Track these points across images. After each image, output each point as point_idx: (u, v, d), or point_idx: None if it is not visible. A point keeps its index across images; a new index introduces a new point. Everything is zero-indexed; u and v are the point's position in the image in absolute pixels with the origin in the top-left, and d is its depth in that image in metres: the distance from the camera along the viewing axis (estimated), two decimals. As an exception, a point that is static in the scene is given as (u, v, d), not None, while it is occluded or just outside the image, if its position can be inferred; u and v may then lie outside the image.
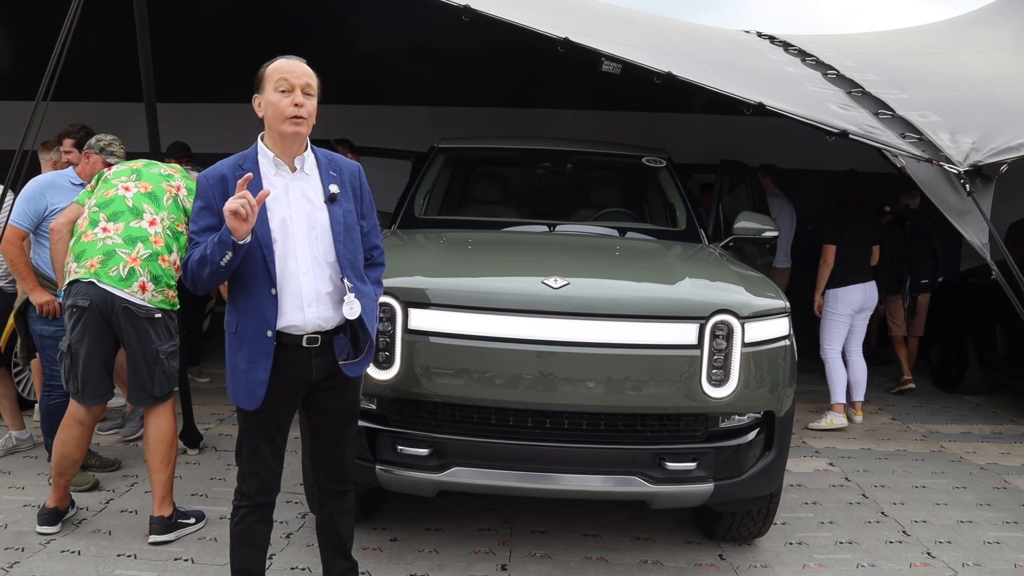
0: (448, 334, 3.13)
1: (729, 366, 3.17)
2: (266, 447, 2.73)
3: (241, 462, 2.77)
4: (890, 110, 5.46)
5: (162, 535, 3.66)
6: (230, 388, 2.67)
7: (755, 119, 7.32)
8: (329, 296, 2.66)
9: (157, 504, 3.70)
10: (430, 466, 3.17)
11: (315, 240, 2.64)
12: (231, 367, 2.65)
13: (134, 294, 3.55)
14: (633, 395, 3.14)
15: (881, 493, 4.68)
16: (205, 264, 2.51)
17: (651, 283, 3.50)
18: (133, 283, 3.55)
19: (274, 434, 2.74)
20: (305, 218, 2.64)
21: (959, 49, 8.19)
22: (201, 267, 2.53)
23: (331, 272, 2.66)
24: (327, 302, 2.65)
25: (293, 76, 2.56)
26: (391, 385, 3.17)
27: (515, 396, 3.13)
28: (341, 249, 2.66)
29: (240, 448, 2.77)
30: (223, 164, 2.67)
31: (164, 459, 3.70)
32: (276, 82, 2.56)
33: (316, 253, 2.64)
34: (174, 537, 3.70)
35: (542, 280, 3.18)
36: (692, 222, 4.72)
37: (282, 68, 2.58)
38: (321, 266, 2.64)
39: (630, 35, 6.23)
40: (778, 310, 3.35)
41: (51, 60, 3.99)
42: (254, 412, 2.64)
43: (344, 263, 2.66)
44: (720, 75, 5.25)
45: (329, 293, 2.66)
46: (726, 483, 3.25)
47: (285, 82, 2.55)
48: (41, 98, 3.72)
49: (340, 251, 2.65)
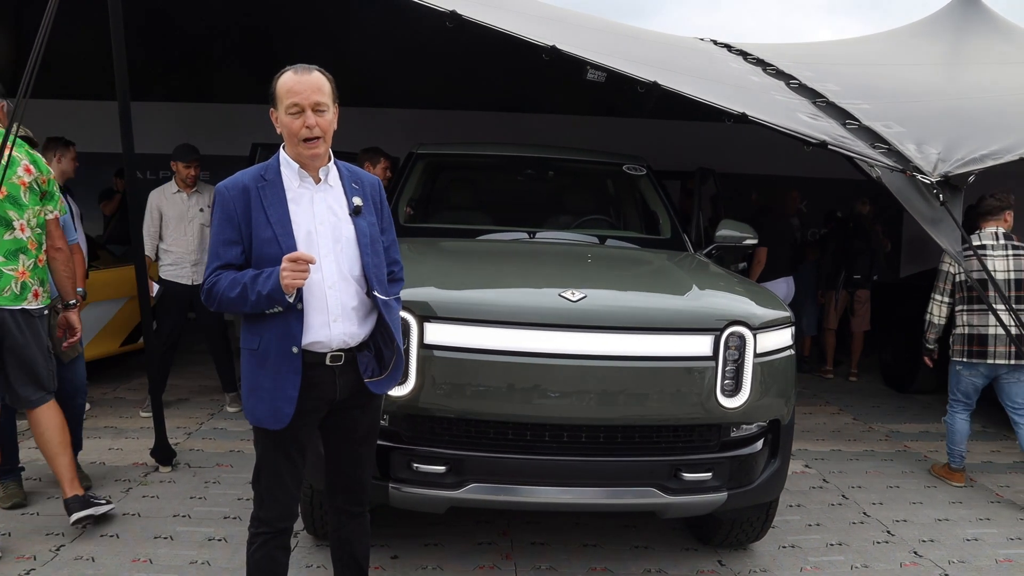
0: (464, 348, 3.07)
1: (742, 376, 3.20)
2: (287, 471, 2.63)
3: (260, 487, 2.66)
4: (856, 120, 5.61)
5: (83, 511, 3.77)
6: (249, 409, 2.55)
7: (698, 124, 7.46)
8: (355, 311, 2.57)
9: (67, 486, 3.82)
10: (447, 483, 3.11)
11: (340, 253, 2.55)
12: (251, 386, 2.53)
13: (29, 302, 3.71)
14: (649, 407, 3.14)
15: (860, 494, 4.80)
16: (244, 304, 2.43)
17: (665, 295, 3.51)
18: (27, 294, 3.71)
19: (295, 457, 2.63)
20: (330, 231, 2.55)
21: (903, 61, 8.49)
22: (238, 304, 2.44)
23: (356, 287, 2.58)
24: (353, 317, 2.57)
25: (301, 97, 2.45)
26: (405, 401, 3.09)
27: (532, 410, 3.09)
28: (369, 262, 2.57)
29: (259, 473, 2.66)
30: (245, 174, 2.56)
31: (62, 442, 3.84)
32: (286, 105, 2.46)
33: (342, 266, 2.55)
34: (94, 512, 3.80)
35: (559, 293, 3.15)
36: (677, 230, 4.76)
37: (291, 90, 2.46)
38: (347, 280, 2.56)
39: (601, 42, 6.25)
40: (784, 320, 3.40)
41: (31, 57, 3.81)
42: (276, 434, 2.53)
43: (372, 276, 2.57)
44: (699, 84, 5.31)
45: (355, 308, 2.57)
46: (738, 492, 3.28)
47: (295, 105, 2.45)
48: (21, 95, 3.52)
49: (368, 264, 2.57)
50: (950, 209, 4.67)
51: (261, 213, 2.47)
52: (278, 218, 2.46)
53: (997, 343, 4.73)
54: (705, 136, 9.03)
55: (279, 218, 2.47)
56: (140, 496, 4.31)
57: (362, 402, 2.67)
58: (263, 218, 2.46)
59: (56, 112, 8.54)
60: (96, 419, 5.70)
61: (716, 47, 8.10)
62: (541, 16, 5.87)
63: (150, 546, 3.72)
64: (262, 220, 2.46)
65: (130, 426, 5.58)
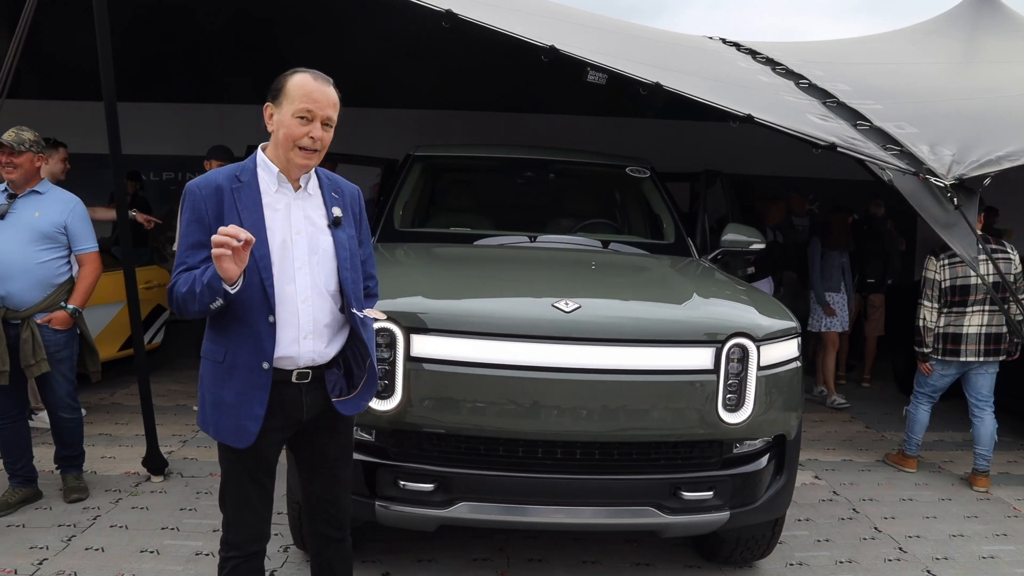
0: (453, 361, 2.95)
1: (744, 391, 3.06)
2: (254, 492, 2.49)
3: (226, 509, 2.52)
4: (867, 121, 5.45)
5: None
6: (211, 424, 2.40)
7: (709, 124, 7.26)
8: (327, 328, 2.44)
9: None
10: (435, 502, 2.98)
11: (316, 266, 2.41)
12: (214, 400, 2.38)
13: None
14: (647, 423, 3.01)
15: (871, 507, 4.64)
16: (193, 301, 2.27)
17: (663, 304, 3.36)
18: None
19: (262, 477, 2.49)
20: (307, 241, 2.41)
21: (916, 59, 8.31)
22: (188, 303, 2.28)
23: (331, 303, 2.44)
24: (324, 335, 2.43)
25: (317, 107, 2.32)
26: (391, 416, 2.97)
27: (524, 426, 2.96)
28: (347, 277, 2.44)
29: (224, 494, 2.52)
30: (218, 174, 2.41)
31: None
32: (297, 108, 2.31)
33: (317, 280, 2.41)
34: None
35: (552, 303, 3.02)
36: (681, 234, 4.62)
37: (308, 94, 2.32)
38: (321, 294, 2.42)
39: (602, 41, 6.12)
40: (789, 331, 3.26)
41: (8, 56, 3.73)
42: (240, 453, 2.39)
43: (349, 292, 2.44)
44: (704, 85, 5.17)
45: (327, 324, 2.43)
46: (741, 510, 3.14)
47: (307, 112, 2.32)
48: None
49: (346, 279, 2.44)
50: (964, 213, 4.52)
51: (234, 216, 2.32)
52: (252, 223, 2.31)
53: (968, 342, 5.05)
54: (712, 136, 8.87)
55: (253, 223, 2.32)
56: (129, 507, 4.21)
57: (331, 423, 2.53)
58: (236, 221, 2.29)
59: (68, 113, 8.54)
60: (91, 425, 5.59)
61: (724, 46, 7.95)
62: (541, 15, 5.74)
63: (135, 560, 3.62)
64: (234, 223, 2.28)
65: (125, 433, 5.48)
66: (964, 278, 5.02)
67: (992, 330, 5.02)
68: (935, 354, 5.16)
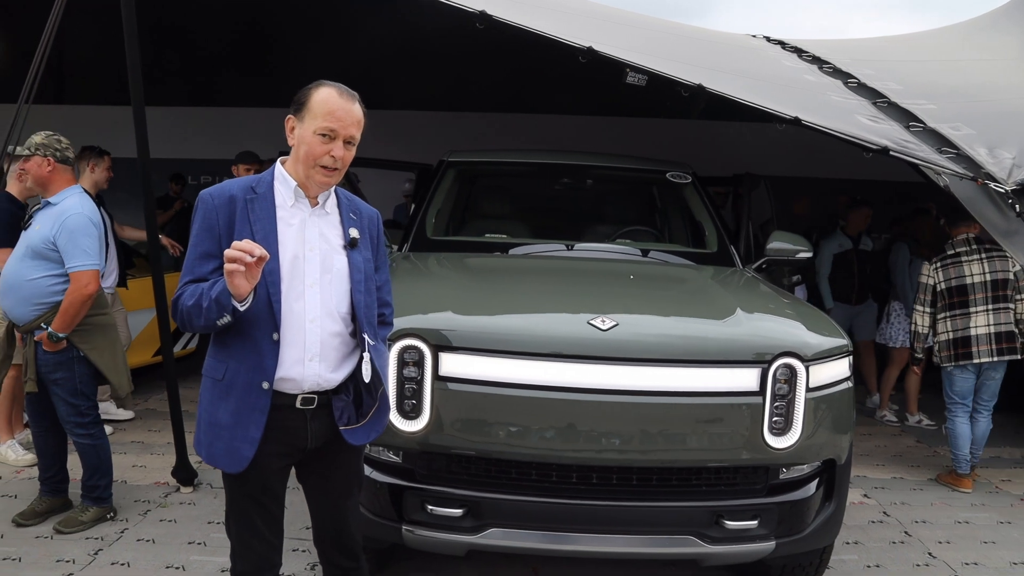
0: (483, 381, 2.81)
1: (792, 414, 2.88)
2: (259, 517, 2.37)
3: (232, 536, 2.42)
4: (920, 122, 5.20)
5: None
6: (204, 446, 2.29)
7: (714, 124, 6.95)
8: (335, 352, 2.31)
9: None
10: (464, 527, 2.85)
11: (328, 285, 2.30)
12: (209, 420, 2.26)
13: None
14: (688, 447, 2.84)
15: (924, 530, 4.41)
16: (199, 316, 2.16)
17: (705, 321, 3.18)
18: None
19: (267, 502, 2.37)
20: (320, 259, 2.30)
21: (973, 56, 7.98)
22: (194, 317, 2.18)
23: (341, 326, 2.32)
24: (331, 359, 2.31)
25: (340, 126, 2.22)
26: (419, 437, 2.84)
27: (558, 450, 2.82)
28: (360, 300, 2.32)
29: (228, 520, 2.41)
30: (233, 184, 2.31)
31: None
32: (319, 126, 2.20)
33: (328, 300, 2.29)
34: None
35: (588, 320, 2.87)
36: (724, 243, 4.43)
37: (332, 112, 2.21)
38: (332, 316, 2.30)
39: (640, 40, 5.94)
40: (840, 350, 3.07)
41: (34, 61, 3.69)
42: (240, 478, 2.28)
43: (361, 316, 2.32)
44: (748, 86, 4.97)
45: (335, 348, 2.31)
46: (787, 540, 2.96)
47: (330, 130, 2.21)
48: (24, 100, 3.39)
49: (359, 302, 2.32)
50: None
51: (246, 228, 2.22)
52: (264, 236, 2.21)
53: (979, 343, 4.98)
54: (724, 137, 8.66)
55: (265, 236, 2.21)
56: (157, 520, 4.14)
57: (338, 452, 2.40)
58: (247, 233, 2.20)
59: (100, 118, 8.56)
60: (124, 432, 5.59)
61: (769, 44, 7.70)
62: (575, 13, 5.58)
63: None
64: (246, 236, 2.19)
65: (157, 441, 5.44)
66: (959, 279, 5.04)
67: (1002, 328, 4.97)
68: (949, 362, 5.08)
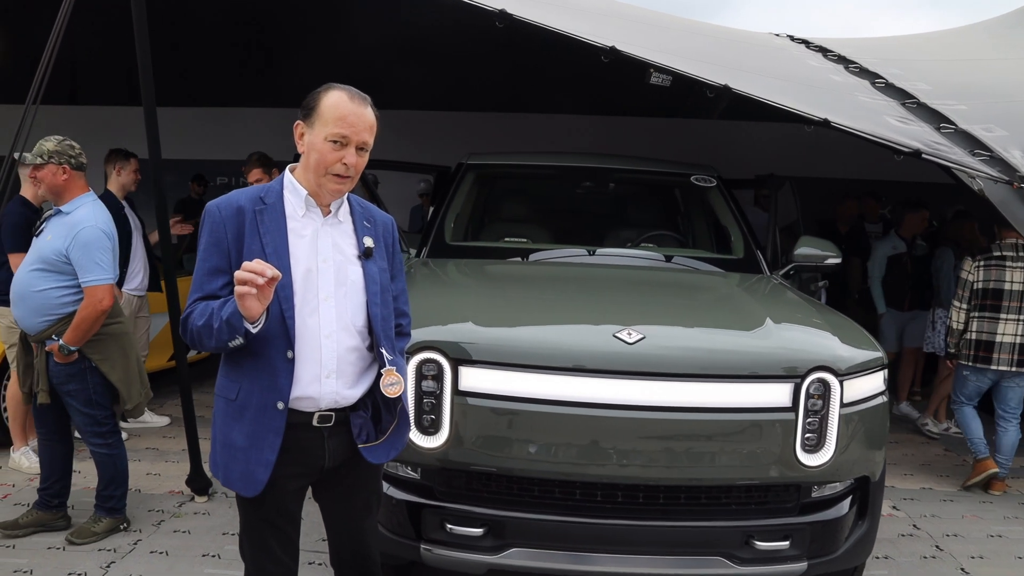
0: (504, 396, 2.72)
1: (826, 430, 2.78)
2: (274, 540, 2.29)
3: (246, 559, 2.34)
4: (951, 123, 5.07)
5: None
6: (220, 468, 2.21)
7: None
8: (352, 367, 2.22)
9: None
10: (484, 547, 2.76)
11: (344, 299, 2.21)
12: (223, 442, 2.19)
13: None
14: (717, 465, 2.74)
15: (956, 545, 4.28)
16: (209, 337, 2.07)
17: (735, 333, 3.07)
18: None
19: (283, 524, 2.29)
20: (334, 271, 2.20)
21: (1002, 55, 7.80)
22: (204, 337, 2.09)
23: (358, 340, 2.23)
24: (348, 375, 2.21)
25: (353, 132, 2.12)
26: (438, 454, 2.76)
27: (582, 467, 2.73)
28: (377, 313, 2.23)
29: (243, 543, 2.33)
30: (241, 194, 2.21)
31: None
32: (330, 132, 2.11)
33: (343, 314, 2.20)
34: None
35: (614, 333, 2.77)
36: (751, 248, 4.31)
37: (343, 117, 2.11)
38: (348, 330, 2.21)
39: (662, 39, 5.83)
40: (875, 362, 2.96)
41: (42, 61, 3.62)
42: (255, 501, 2.20)
43: (379, 330, 2.23)
44: (774, 86, 4.85)
45: (352, 364, 2.22)
46: (820, 561, 2.85)
47: (341, 136, 2.11)
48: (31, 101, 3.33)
49: (376, 315, 2.22)
50: (1066, 226, 4.13)
51: (256, 240, 2.12)
52: (274, 248, 2.12)
53: (1002, 351, 4.91)
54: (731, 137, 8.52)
55: (276, 248, 2.12)
56: (171, 530, 4.08)
57: (357, 471, 2.31)
58: (257, 246, 2.11)
59: (124, 118, 8.55)
60: (138, 439, 5.54)
61: (793, 43, 7.57)
62: (596, 12, 5.47)
63: (174, 592, 3.49)
64: (256, 249, 2.10)
65: (172, 448, 5.39)
66: (997, 282, 4.92)
67: None
68: (967, 361, 5.04)
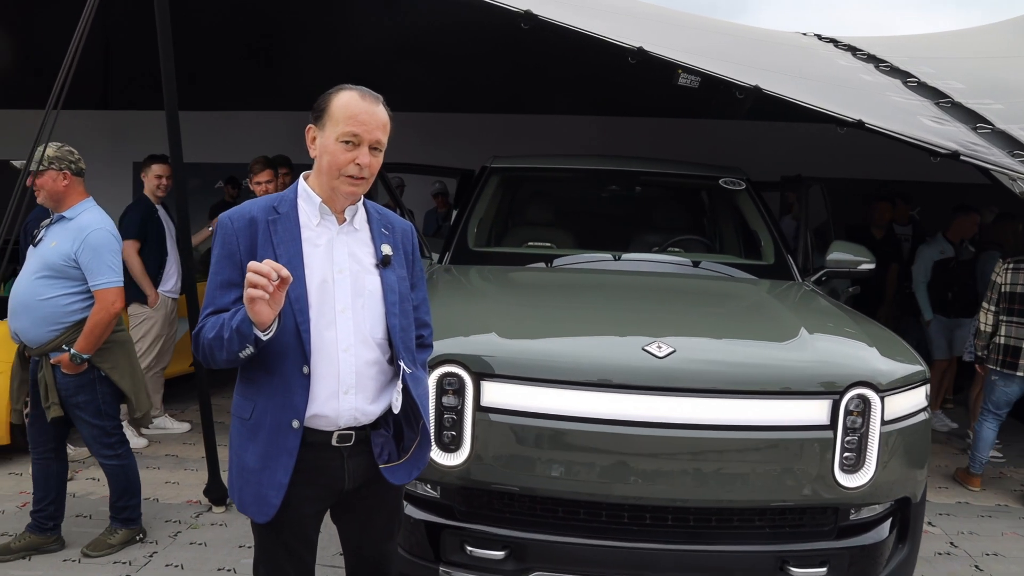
0: (528, 412, 2.61)
1: (866, 449, 2.64)
2: (290, 566, 2.19)
3: None
4: (988, 124, 4.90)
5: None
6: (235, 491, 2.12)
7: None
8: (372, 382, 2.12)
9: None
10: (506, 570, 2.64)
11: (361, 310, 2.10)
12: (239, 464, 2.09)
13: None
14: (750, 486, 2.61)
15: (997, 565, 4.11)
16: (220, 349, 1.98)
17: (770, 345, 2.94)
18: None
19: (300, 549, 2.19)
20: (351, 281, 2.10)
21: (1036, 52, 7.58)
22: (215, 350, 2.00)
23: (377, 353, 2.12)
24: (368, 390, 2.11)
25: (365, 131, 2.02)
26: (458, 472, 2.65)
27: (609, 488, 2.61)
28: (396, 324, 2.12)
29: (257, 568, 2.24)
30: (253, 204, 2.13)
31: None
32: (342, 132, 2.01)
33: (361, 326, 2.10)
34: None
35: (643, 346, 2.65)
36: (781, 254, 4.17)
37: (354, 117, 2.02)
38: (366, 343, 2.10)
39: (687, 39, 5.69)
40: (917, 377, 2.81)
41: (63, 66, 3.56)
42: (269, 525, 2.09)
43: (398, 341, 2.12)
44: (802, 86, 4.71)
45: (372, 378, 2.11)
46: (859, 587, 2.71)
47: (353, 136, 2.02)
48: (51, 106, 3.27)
49: (394, 326, 2.12)
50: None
51: (269, 251, 2.03)
52: (288, 259, 2.02)
53: None
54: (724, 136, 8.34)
55: (290, 260, 2.02)
56: (187, 542, 4.00)
57: (378, 492, 2.20)
58: (271, 258, 2.01)
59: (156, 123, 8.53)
60: (159, 445, 5.49)
61: (821, 42, 7.40)
62: (621, 13, 5.35)
63: (189, 608, 3.41)
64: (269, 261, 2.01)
65: (191, 455, 5.32)
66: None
67: None
68: (994, 366, 4.95)
